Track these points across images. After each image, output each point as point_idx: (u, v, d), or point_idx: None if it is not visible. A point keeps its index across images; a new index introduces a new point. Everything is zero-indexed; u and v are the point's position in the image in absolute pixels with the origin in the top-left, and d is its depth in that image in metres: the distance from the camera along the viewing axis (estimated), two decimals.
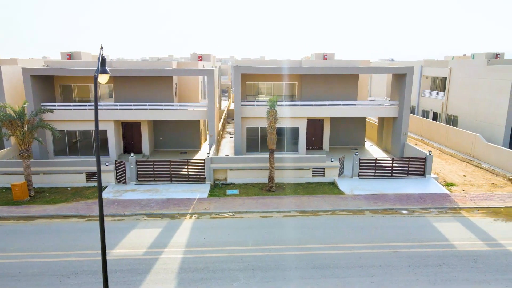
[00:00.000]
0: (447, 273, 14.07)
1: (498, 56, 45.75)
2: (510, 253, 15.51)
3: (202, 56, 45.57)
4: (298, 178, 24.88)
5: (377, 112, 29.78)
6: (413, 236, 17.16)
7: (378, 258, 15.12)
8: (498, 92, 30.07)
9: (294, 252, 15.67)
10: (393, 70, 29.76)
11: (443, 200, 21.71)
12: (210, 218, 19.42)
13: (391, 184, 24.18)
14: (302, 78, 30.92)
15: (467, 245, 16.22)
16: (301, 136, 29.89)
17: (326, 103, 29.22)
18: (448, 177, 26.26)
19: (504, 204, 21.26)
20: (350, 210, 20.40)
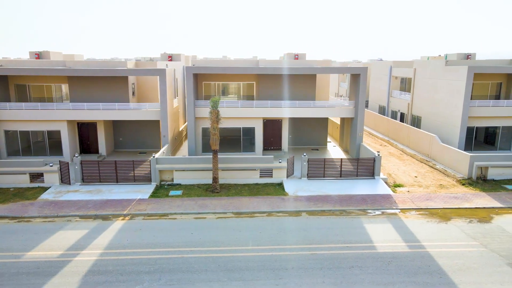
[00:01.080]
0: (356, 275, 13.96)
1: (469, 57, 45.89)
2: (428, 255, 15.42)
3: (172, 56, 45.36)
4: (245, 179, 24.73)
5: (334, 112, 29.66)
6: (339, 237, 17.04)
7: (293, 261, 14.99)
8: (454, 93, 30.00)
9: (212, 254, 15.52)
10: (347, 70, 29.65)
11: (384, 201, 21.62)
12: (142, 219, 19.24)
13: (338, 185, 24.06)
14: (259, 78, 30.77)
15: (388, 247, 16.12)
16: (258, 136, 29.75)
17: (282, 103, 29.08)
18: (399, 178, 26.18)
19: (443, 205, 21.19)
20: (287, 211, 20.27)
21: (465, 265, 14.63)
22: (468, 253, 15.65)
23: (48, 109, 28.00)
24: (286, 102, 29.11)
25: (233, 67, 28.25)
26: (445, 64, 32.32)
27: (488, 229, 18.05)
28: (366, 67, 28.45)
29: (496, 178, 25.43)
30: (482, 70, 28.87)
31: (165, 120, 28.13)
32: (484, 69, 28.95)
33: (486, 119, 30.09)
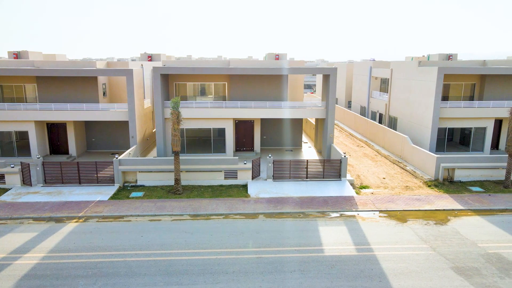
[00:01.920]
0: (296, 279, 13.77)
1: (450, 57, 45.87)
2: (374, 259, 15.25)
3: (152, 56, 45.15)
4: (210, 181, 24.53)
5: (304, 113, 29.45)
6: (290, 240, 16.86)
7: (236, 264, 14.79)
8: (426, 94, 29.85)
9: (155, 258, 15.31)
10: (317, 71, 29.47)
11: (345, 204, 21.45)
12: (96, 222, 19.02)
13: (302, 187, 23.88)
14: (230, 79, 30.56)
15: (336, 250, 15.94)
16: (228, 137, 29.55)
17: (252, 104, 28.89)
18: (367, 180, 26.03)
19: (404, 207, 21.04)
20: (245, 214, 20.08)
21: (408, 269, 14.47)
22: (415, 256, 15.49)
23: (15, 109, 27.74)
24: (256, 103, 28.91)
25: (199, 68, 27.99)
26: (418, 65, 32.18)
27: (442, 231, 17.90)
28: (336, 68, 28.29)
29: (463, 179, 25.31)
30: (452, 71, 28.72)
31: (133, 121, 27.90)
32: (454, 70, 28.80)
33: (458, 120, 29.97)
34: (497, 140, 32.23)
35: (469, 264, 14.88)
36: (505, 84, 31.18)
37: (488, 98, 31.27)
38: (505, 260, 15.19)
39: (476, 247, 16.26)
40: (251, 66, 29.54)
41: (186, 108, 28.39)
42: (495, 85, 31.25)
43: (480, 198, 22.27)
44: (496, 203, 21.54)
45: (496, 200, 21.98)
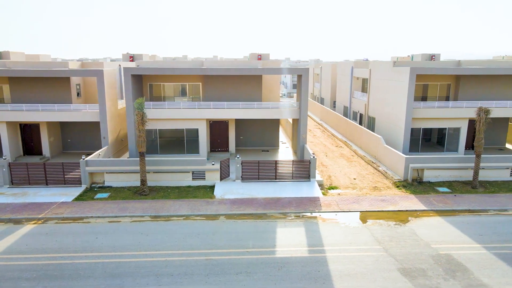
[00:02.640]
0: (239, 281, 13.73)
1: (433, 57, 45.91)
2: (323, 260, 15.21)
3: (134, 56, 45.06)
4: (178, 181, 24.47)
5: (278, 113, 29.37)
6: (243, 242, 16.81)
7: (184, 266, 14.74)
8: (400, 94, 29.82)
9: (104, 259, 15.25)
10: (289, 71, 29.40)
11: (309, 205, 21.41)
12: (55, 223, 18.95)
13: (270, 188, 23.83)
14: (205, 79, 30.48)
15: (288, 252, 15.91)
16: (201, 138, 29.47)
17: (225, 105, 28.83)
18: (338, 180, 25.99)
19: (367, 208, 21.02)
20: (206, 215, 20.03)
21: (355, 270, 14.44)
22: (365, 257, 15.46)
23: None
24: (229, 103, 28.84)
25: (170, 68, 27.95)
26: (393, 65, 32.15)
27: (399, 232, 17.88)
28: (307, 68, 28.25)
29: (432, 180, 25.29)
30: (424, 71, 28.67)
31: (104, 122, 27.81)
32: (426, 70, 28.76)
33: (433, 120, 29.93)
34: (473, 140, 32.19)
35: (417, 265, 14.86)
36: (479, 84, 31.19)
37: (463, 98, 31.27)
38: (454, 261, 15.17)
39: (428, 248, 16.24)
40: (222, 67, 29.45)
41: (159, 109, 28.36)
42: (469, 85, 31.26)
43: (445, 199, 22.25)
44: (460, 204, 21.53)
45: (461, 201, 21.97)
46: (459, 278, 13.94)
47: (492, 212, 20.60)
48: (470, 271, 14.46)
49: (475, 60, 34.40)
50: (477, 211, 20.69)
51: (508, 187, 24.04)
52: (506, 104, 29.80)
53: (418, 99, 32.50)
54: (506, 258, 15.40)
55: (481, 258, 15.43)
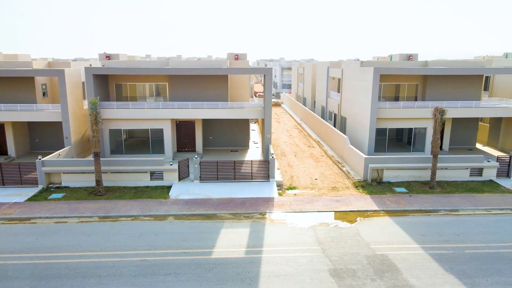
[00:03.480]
0: (165, 282, 13.69)
1: (410, 57, 45.94)
2: (258, 261, 15.17)
3: (111, 56, 44.91)
4: (136, 182, 24.40)
5: (243, 113, 29.29)
6: (185, 243, 16.76)
7: (115, 267, 14.68)
8: (366, 93, 29.81)
9: (38, 261, 15.16)
10: (253, 71, 29.38)
11: (262, 205, 21.36)
12: (1, 224, 18.86)
13: (227, 188, 23.78)
14: (170, 79, 30.40)
15: (225, 253, 15.87)
16: (166, 138, 29.39)
17: (189, 105, 28.77)
18: (299, 181, 25.97)
19: (319, 208, 20.98)
20: (155, 215, 19.97)
21: (286, 272, 14.41)
22: (301, 258, 15.43)
23: None
24: (193, 103, 28.78)
25: (132, 68, 27.85)
26: (360, 65, 32.14)
27: (343, 233, 17.86)
28: (271, 68, 28.21)
29: (392, 180, 25.29)
30: (387, 71, 28.71)
31: (66, 122, 27.72)
32: (389, 70, 28.80)
33: (399, 120, 29.95)
34: (441, 140, 32.24)
35: (349, 266, 14.85)
36: (445, 84, 31.21)
37: (430, 98, 31.29)
38: (388, 262, 15.17)
39: (367, 249, 16.23)
40: (187, 67, 29.38)
41: (123, 109, 28.30)
42: (436, 85, 31.27)
43: (399, 199, 22.25)
44: (413, 204, 21.53)
45: (414, 201, 21.97)
46: (386, 279, 13.93)
47: (443, 212, 20.61)
48: (400, 271, 14.45)
49: (441, 60, 34.44)
50: (428, 211, 20.70)
51: (465, 187, 24.06)
52: (471, 104, 29.85)
53: (390, 99, 32.48)
54: (440, 258, 15.40)
55: (416, 258, 15.43)
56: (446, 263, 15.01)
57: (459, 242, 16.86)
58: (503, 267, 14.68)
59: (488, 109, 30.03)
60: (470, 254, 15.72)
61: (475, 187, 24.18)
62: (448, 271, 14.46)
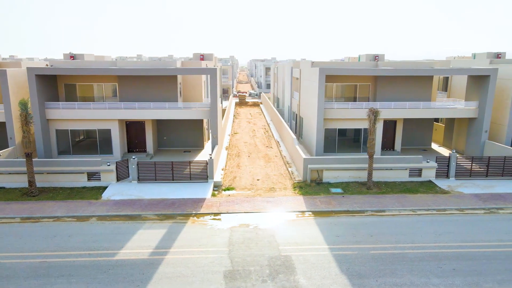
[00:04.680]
0: (52, 284, 13.62)
1: (377, 58, 45.99)
2: (157, 263, 15.11)
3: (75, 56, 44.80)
4: (74, 182, 24.31)
5: (192, 113, 29.24)
6: (96, 244, 16.67)
7: (11, 269, 14.60)
8: (314, 94, 29.83)
9: None
10: (198, 71, 29.30)
11: (190, 206, 21.30)
12: None
13: (163, 189, 23.72)
14: (119, 80, 30.33)
15: (130, 254, 15.80)
16: (114, 138, 29.34)
17: (136, 105, 28.71)
18: (241, 181, 25.94)
19: (247, 210, 20.91)
20: (78, 216, 19.88)
21: (181, 273, 14.38)
22: (202, 260, 15.40)
23: None
24: (140, 104, 28.71)
25: (76, 68, 27.79)
26: (311, 66, 32.17)
27: (259, 234, 17.83)
28: (215, 68, 28.18)
29: (331, 181, 25.32)
30: (332, 72, 28.78)
31: (10, 122, 27.65)
32: (333, 70, 28.87)
33: (348, 120, 30.01)
34: (393, 141, 32.29)
35: (248, 267, 14.84)
36: (395, 85, 31.24)
37: (381, 99, 31.33)
38: (289, 263, 15.16)
39: (274, 250, 16.21)
40: (136, 67, 29.30)
41: (69, 109, 28.24)
42: (386, 86, 31.30)
43: (330, 200, 22.27)
44: (342, 205, 21.55)
45: (345, 202, 21.99)
46: (277, 280, 13.94)
47: (369, 213, 20.65)
48: (295, 272, 14.46)
49: (393, 61, 34.52)
50: (355, 212, 20.73)
51: (402, 188, 24.10)
52: (419, 105, 29.91)
53: (350, 99, 32.34)
54: (342, 259, 15.40)
55: (318, 259, 15.44)
56: (346, 264, 15.03)
57: (370, 243, 16.89)
58: (399, 268, 14.71)
59: (436, 109, 30.13)
60: (373, 255, 15.74)
61: (412, 187, 24.23)
62: (343, 272, 14.48)
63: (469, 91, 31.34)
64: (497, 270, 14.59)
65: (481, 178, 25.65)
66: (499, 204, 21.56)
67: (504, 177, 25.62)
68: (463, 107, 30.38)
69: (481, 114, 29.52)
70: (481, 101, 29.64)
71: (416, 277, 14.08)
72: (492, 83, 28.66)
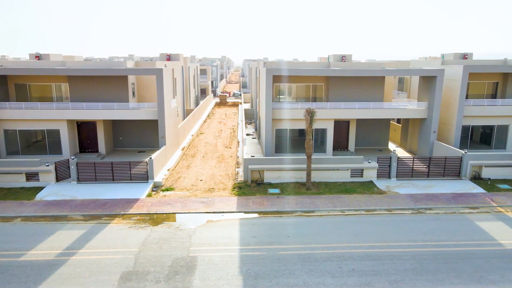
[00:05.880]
0: None
1: (344, 59, 46.05)
2: (59, 264, 15.07)
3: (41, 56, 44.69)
4: (12, 183, 24.23)
5: (135, 114, 29.12)
6: (6, 245, 16.65)
7: None
8: (263, 94, 29.84)
9: None
10: (143, 72, 29.23)
11: (120, 207, 21.22)
12: None
13: (101, 189, 23.66)
14: (69, 80, 30.24)
15: (38, 255, 15.79)
16: (63, 138, 29.26)
17: (84, 105, 28.66)
18: (184, 182, 25.92)
19: (177, 210, 20.90)
20: (3, 217, 19.81)
21: (77, 274, 14.37)
22: (107, 261, 15.37)
23: None
24: (87, 104, 28.64)
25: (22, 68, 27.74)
26: (263, 66, 32.19)
27: (177, 235, 17.81)
28: (161, 69, 28.15)
29: (273, 181, 25.34)
30: (278, 72, 28.85)
31: None
32: (279, 71, 28.95)
33: (299, 121, 29.78)
34: (346, 141, 32.31)
35: (149, 268, 14.83)
36: (347, 86, 31.24)
37: (333, 99, 31.35)
38: (192, 263, 15.15)
39: (184, 251, 16.19)
40: (86, 67, 29.23)
41: (17, 109, 28.17)
42: (338, 87, 31.30)
43: (264, 201, 22.28)
44: (274, 205, 21.57)
45: (278, 202, 22.00)
46: (172, 281, 13.94)
47: (299, 213, 20.66)
48: (194, 273, 14.46)
49: (348, 62, 34.56)
50: (284, 213, 20.75)
51: (340, 188, 24.13)
52: (369, 106, 29.97)
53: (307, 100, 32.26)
54: (247, 260, 15.40)
55: (224, 260, 15.44)
56: (248, 265, 15.04)
57: (283, 243, 16.90)
58: (299, 268, 14.73)
59: (387, 110, 30.17)
60: (280, 256, 15.76)
61: (351, 188, 24.28)
62: (242, 273, 14.50)
63: (421, 92, 31.45)
64: (395, 270, 14.64)
65: (423, 178, 25.75)
66: (430, 205, 21.64)
67: (446, 178, 25.75)
68: (415, 108, 30.47)
69: (430, 115, 29.63)
70: (430, 102, 29.75)
71: (311, 278, 14.11)
72: (439, 84, 28.77)
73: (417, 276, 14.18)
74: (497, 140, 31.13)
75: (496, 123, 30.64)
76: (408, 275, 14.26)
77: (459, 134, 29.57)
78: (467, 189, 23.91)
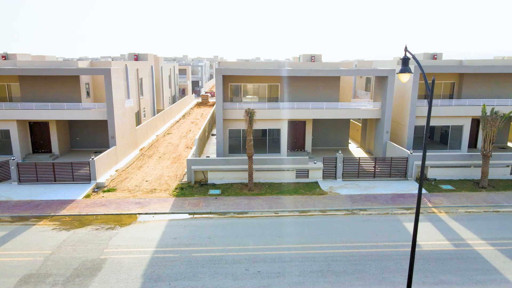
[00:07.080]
0: None
1: (313, 58, 45.99)
2: None
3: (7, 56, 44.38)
4: None
5: (89, 114, 28.86)
6: None
7: None
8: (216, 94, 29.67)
9: None
10: (90, 72, 28.76)
11: (53, 208, 20.98)
12: None
13: (40, 190, 23.42)
14: (20, 80, 29.96)
15: None
16: (13, 139, 28.96)
17: (33, 105, 28.40)
18: (130, 182, 25.71)
19: (110, 211, 20.61)
20: None
21: None
22: (15, 263, 15.15)
23: None
24: (37, 104, 28.36)
25: None
26: (218, 66, 31.98)
27: (98, 236, 17.61)
28: (109, 69, 27.92)
29: (217, 182, 25.19)
30: (228, 72, 28.53)
31: None
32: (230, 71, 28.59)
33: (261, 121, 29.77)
34: (303, 141, 32.18)
35: (53, 271, 14.61)
36: (301, 86, 31.09)
37: (288, 99, 31.20)
38: (100, 266, 14.95)
39: (97, 253, 15.98)
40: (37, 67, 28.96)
41: None
42: (293, 87, 31.14)
43: (200, 202, 22.10)
44: (209, 207, 21.38)
45: (215, 203, 21.81)
46: (70, 284, 13.72)
47: (231, 214, 20.49)
48: (96, 276, 14.25)
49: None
50: (217, 214, 20.57)
51: (284, 189, 23.94)
52: (322, 106, 29.82)
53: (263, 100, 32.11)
54: (157, 262, 15.21)
55: (134, 262, 15.24)
56: (154, 268, 14.85)
57: (201, 245, 16.72)
58: (204, 271, 14.55)
59: (341, 110, 30.01)
60: (191, 258, 15.58)
61: (294, 189, 24.13)
62: (145, 275, 14.31)
63: (376, 93, 31.35)
64: (301, 272, 14.49)
65: (369, 179, 25.64)
66: (366, 206, 21.52)
67: (392, 178, 25.64)
68: (369, 108, 30.35)
69: (383, 115, 29.53)
70: (382, 102, 29.65)
71: (212, 280, 13.94)
72: (390, 84, 28.66)
73: (319, 278, 14.03)
74: (452, 140, 31.08)
75: (451, 123, 30.58)
76: (312, 277, 14.11)
77: (412, 134, 29.46)
78: (409, 190, 23.81)
